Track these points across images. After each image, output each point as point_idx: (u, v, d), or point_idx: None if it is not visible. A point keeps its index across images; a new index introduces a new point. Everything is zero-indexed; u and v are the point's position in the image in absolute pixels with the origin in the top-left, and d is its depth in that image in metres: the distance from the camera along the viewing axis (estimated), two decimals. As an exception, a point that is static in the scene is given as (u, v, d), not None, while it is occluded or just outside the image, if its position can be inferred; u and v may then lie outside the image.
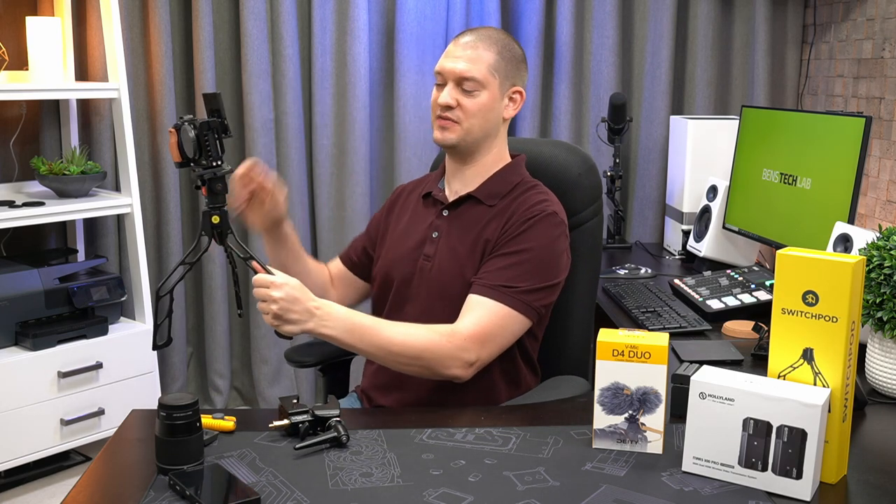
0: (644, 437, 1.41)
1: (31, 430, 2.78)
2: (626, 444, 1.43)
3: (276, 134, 3.32)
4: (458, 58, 1.75)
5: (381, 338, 1.62)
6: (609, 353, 1.40)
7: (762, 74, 3.43)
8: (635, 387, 1.40)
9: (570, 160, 1.98)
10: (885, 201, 2.90)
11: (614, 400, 1.41)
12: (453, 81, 1.75)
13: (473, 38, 1.77)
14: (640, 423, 1.41)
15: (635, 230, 3.52)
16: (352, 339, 1.60)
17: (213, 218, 1.56)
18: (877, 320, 1.62)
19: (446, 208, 1.82)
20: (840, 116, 2.31)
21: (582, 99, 3.45)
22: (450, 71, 1.75)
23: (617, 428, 1.42)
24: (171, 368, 3.40)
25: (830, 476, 1.33)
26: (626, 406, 1.41)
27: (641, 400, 1.40)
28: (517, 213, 1.76)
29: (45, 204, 2.87)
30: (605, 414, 1.42)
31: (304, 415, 1.46)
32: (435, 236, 1.81)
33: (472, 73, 1.74)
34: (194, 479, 1.29)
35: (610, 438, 1.43)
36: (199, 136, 1.51)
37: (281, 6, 3.22)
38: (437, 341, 1.63)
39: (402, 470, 1.36)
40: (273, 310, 1.53)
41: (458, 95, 1.75)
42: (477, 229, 1.77)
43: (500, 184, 1.81)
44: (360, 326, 1.61)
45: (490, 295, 1.68)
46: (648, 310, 2.22)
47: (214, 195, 1.56)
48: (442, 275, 1.77)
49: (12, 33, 3.08)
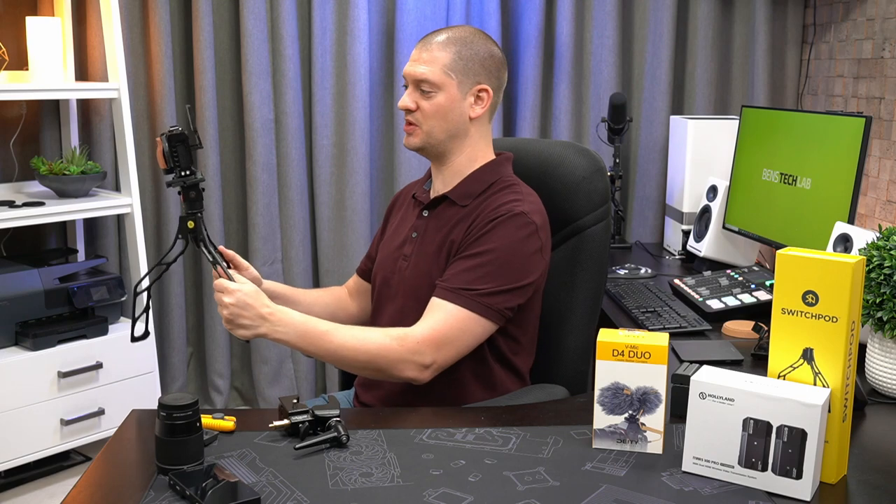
0: (644, 437, 1.42)
1: (31, 430, 2.78)
2: (626, 444, 1.43)
3: (276, 134, 3.32)
4: (415, 61, 1.78)
5: (333, 343, 1.63)
6: (609, 352, 1.40)
7: (762, 74, 3.43)
8: (635, 387, 1.40)
9: (578, 163, 1.92)
10: (885, 201, 2.90)
11: (614, 400, 1.41)
12: (413, 84, 1.78)
13: (431, 38, 1.79)
14: (640, 423, 1.41)
15: (635, 230, 3.52)
16: (304, 344, 1.62)
17: (188, 223, 1.65)
18: (877, 320, 1.62)
19: (426, 209, 1.84)
20: (840, 116, 2.31)
21: (582, 99, 3.45)
22: (409, 74, 1.78)
23: (617, 428, 1.42)
24: (171, 368, 3.40)
25: (830, 476, 1.33)
26: (626, 406, 1.41)
27: (641, 400, 1.40)
28: (483, 213, 1.74)
29: (45, 204, 2.86)
30: (605, 414, 1.42)
31: (304, 415, 1.46)
32: (414, 237, 1.82)
33: (427, 76, 1.75)
34: (194, 479, 1.29)
35: (610, 438, 1.43)
36: (170, 147, 1.61)
37: (281, 6, 3.22)
38: (388, 345, 1.62)
39: (402, 470, 1.36)
40: (224, 314, 1.61)
41: (417, 98, 1.77)
42: (445, 230, 1.78)
43: (475, 184, 1.80)
44: (313, 331, 1.62)
45: (449, 298, 1.66)
46: (648, 310, 2.22)
47: (190, 202, 1.64)
48: (415, 276, 1.78)
49: (12, 33, 3.08)
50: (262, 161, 3.28)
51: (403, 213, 1.92)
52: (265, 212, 3.32)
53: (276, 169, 3.34)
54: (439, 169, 1.84)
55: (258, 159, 3.27)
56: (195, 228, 1.65)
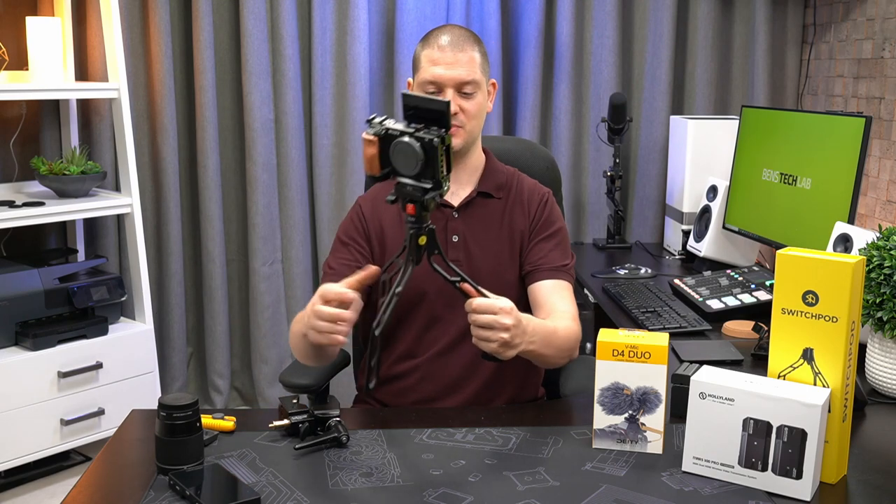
0: (644, 438, 1.41)
1: (31, 430, 2.78)
2: (626, 445, 1.43)
3: (276, 134, 3.32)
4: (452, 63, 1.75)
5: (559, 338, 1.66)
6: (609, 353, 1.40)
7: (762, 74, 3.43)
8: (635, 387, 1.40)
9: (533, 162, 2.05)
10: (885, 201, 2.90)
11: (614, 400, 1.41)
12: (453, 88, 1.75)
13: (455, 39, 1.77)
14: (640, 423, 1.41)
15: (635, 230, 3.52)
16: (547, 349, 1.61)
17: (420, 239, 1.40)
18: (877, 320, 1.62)
19: (456, 211, 1.81)
20: (840, 116, 2.31)
21: (582, 99, 3.45)
22: (449, 78, 1.75)
23: (617, 428, 1.42)
24: (171, 368, 3.40)
25: (830, 476, 1.33)
26: (626, 406, 1.41)
27: (641, 400, 1.40)
28: (532, 198, 1.84)
29: (45, 204, 2.86)
30: (605, 414, 1.42)
31: (304, 415, 1.46)
32: (455, 240, 1.80)
33: (472, 76, 1.75)
34: (194, 479, 1.29)
35: (610, 438, 1.43)
36: (427, 150, 1.33)
37: (281, 6, 3.22)
38: (576, 329, 1.70)
39: (402, 470, 1.36)
40: (504, 338, 1.44)
41: (458, 101, 1.76)
42: (501, 224, 1.82)
43: (498, 175, 1.86)
44: (550, 332, 1.63)
45: (559, 276, 1.78)
46: (648, 310, 2.22)
47: (425, 212, 1.38)
48: (482, 276, 1.73)
49: (12, 33, 3.08)
50: (262, 161, 3.28)
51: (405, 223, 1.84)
52: (265, 212, 3.32)
53: (276, 169, 3.33)
54: (455, 170, 1.80)
55: (258, 159, 3.27)
56: (428, 243, 1.40)
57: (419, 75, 1.79)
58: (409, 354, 1.80)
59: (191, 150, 3.35)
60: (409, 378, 1.79)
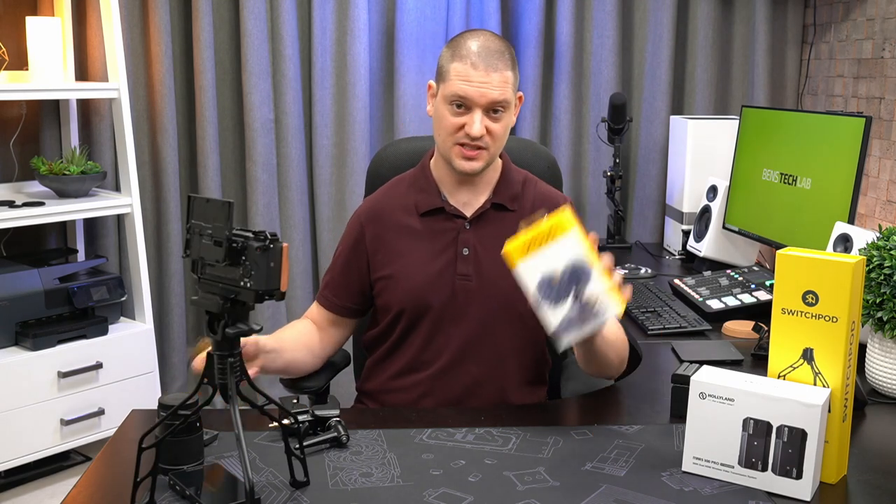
0: (599, 311, 1.40)
1: (31, 430, 2.78)
2: (588, 325, 1.41)
3: (276, 134, 3.32)
4: (485, 83, 1.63)
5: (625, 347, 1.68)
6: (523, 251, 1.40)
7: (762, 74, 3.43)
8: (561, 268, 1.39)
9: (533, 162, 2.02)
10: (885, 201, 2.90)
11: (551, 292, 1.39)
12: (481, 108, 1.65)
13: (489, 54, 1.65)
14: (586, 299, 1.39)
15: (635, 230, 3.52)
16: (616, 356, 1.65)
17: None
18: (877, 320, 1.62)
19: (468, 222, 1.75)
20: (840, 116, 2.31)
21: (582, 99, 3.45)
22: (482, 97, 1.64)
23: (569, 317, 1.40)
24: (171, 368, 3.39)
25: (830, 476, 1.33)
26: (564, 290, 1.39)
27: (573, 275, 1.39)
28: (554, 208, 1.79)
29: (45, 204, 2.86)
30: (553, 308, 1.40)
31: (304, 415, 1.46)
32: (466, 253, 1.74)
33: (505, 97, 1.66)
34: (194, 479, 1.29)
35: (572, 331, 1.42)
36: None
37: (281, 6, 3.22)
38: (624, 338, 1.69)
39: (402, 470, 1.36)
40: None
41: (486, 122, 1.66)
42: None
43: (511, 184, 1.78)
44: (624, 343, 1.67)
45: None
46: (648, 310, 2.22)
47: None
48: (499, 290, 1.71)
49: (12, 33, 3.08)
50: (262, 161, 3.28)
51: (415, 233, 1.77)
52: (265, 212, 3.32)
53: (276, 169, 3.33)
54: (467, 180, 1.75)
55: (258, 159, 3.27)
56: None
57: (446, 87, 1.67)
58: (410, 368, 1.76)
59: (191, 150, 3.35)
60: (410, 392, 1.76)
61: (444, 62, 1.70)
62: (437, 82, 1.72)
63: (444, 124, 1.68)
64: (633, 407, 1.66)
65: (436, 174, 1.78)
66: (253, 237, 1.17)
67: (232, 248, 1.17)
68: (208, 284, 1.22)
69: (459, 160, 1.69)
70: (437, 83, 1.72)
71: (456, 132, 1.67)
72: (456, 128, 1.67)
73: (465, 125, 1.66)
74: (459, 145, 1.68)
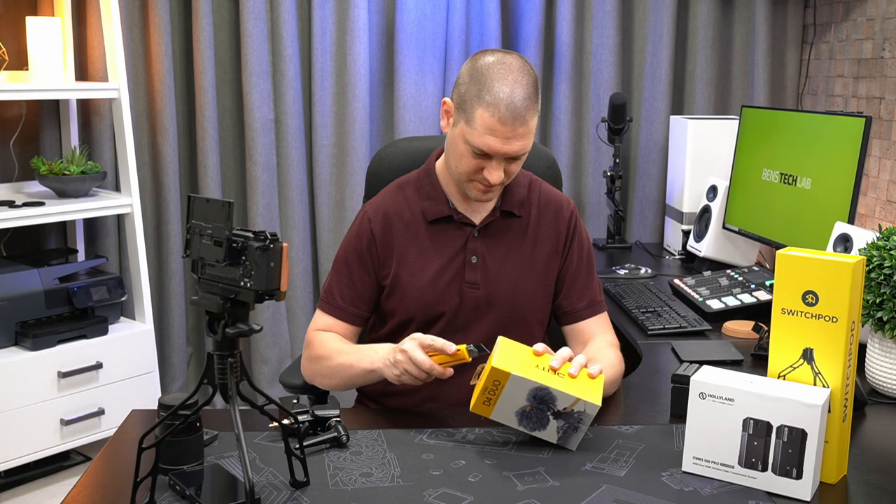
0: (579, 416, 1.41)
1: (31, 430, 2.78)
2: (581, 430, 1.42)
3: (276, 134, 3.32)
4: (510, 139, 1.60)
5: (621, 366, 1.71)
6: (489, 408, 1.42)
7: (762, 74, 3.43)
8: (524, 401, 1.41)
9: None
10: (885, 201, 2.90)
11: (531, 419, 1.43)
12: (503, 157, 1.63)
13: (519, 108, 1.59)
14: (560, 411, 1.41)
15: (635, 230, 3.52)
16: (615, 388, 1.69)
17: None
18: (877, 320, 1.62)
19: (477, 230, 1.75)
20: (840, 116, 2.31)
21: (582, 99, 3.45)
22: (506, 152, 1.61)
23: (562, 429, 1.42)
24: (171, 368, 3.39)
25: (830, 476, 1.33)
26: (540, 416, 1.42)
27: (540, 401, 1.41)
28: (560, 217, 1.80)
29: (45, 204, 2.86)
30: (542, 430, 1.43)
31: (304, 415, 1.46)
32: (474, 261, 1.74)
33: (527, 147, 1.64)
34: (194, 479, 1.29)
35: (572, 436, 1.43)
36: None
37: (281, 6, 3.22)
38: (621, 359, 1.72)
39: (402, 470, 1.36)
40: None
41: (505, 165, 1.64)
42: (523, 244, 1.76)
43: (519, 189, 1.78)
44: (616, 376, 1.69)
45: (600, 310, 1.82)
46: (648, 310, 2.22)
47: None
48: (506, 297, 1.72)
49: (12, 33, 3.08)
50: (262, 161, 3.28)
51: (424, 240, 1.75)
52: (265, 212, 3.32)
53: (276, 169, 3.33)
54: None
55: (258, 159, 3.27)
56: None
57: (469, 133, 1.61)
58: None
59: (191, 150, 3.35)
60: (413, 396, 1.76)
61: (469, 97, 1.61)
62: (458, 112, 1.64)
63: (462, 162, 1.66)
64: (633, 407, 1.66)
65: (443, 181, 1.77)
66: (253, 237, 1.18)
67: (232, 248, 1.18)
68: (208, 284, 1.23)
69: (475, 192, 1.70)
70: (458, 114, 1.64)
71: (474, 173, 1.66)
72: (474, 170, 1.65)
73: (485, 170, 1.64)
74: (475, 182, 1.68)
